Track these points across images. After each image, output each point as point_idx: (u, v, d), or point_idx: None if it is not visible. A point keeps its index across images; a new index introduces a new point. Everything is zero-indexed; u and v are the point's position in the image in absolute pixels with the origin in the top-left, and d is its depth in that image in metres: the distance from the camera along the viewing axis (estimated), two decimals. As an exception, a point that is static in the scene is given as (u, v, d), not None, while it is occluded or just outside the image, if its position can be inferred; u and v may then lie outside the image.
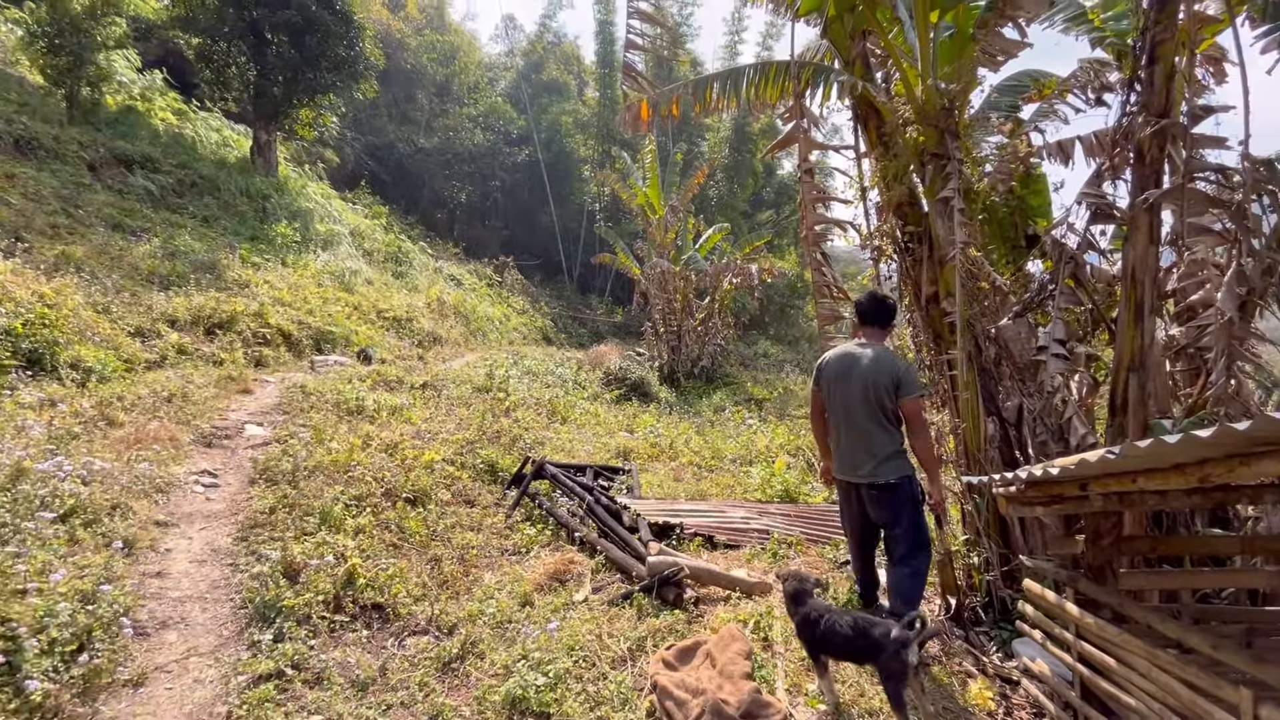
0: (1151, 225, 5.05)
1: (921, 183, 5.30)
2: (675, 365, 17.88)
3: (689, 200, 18.76)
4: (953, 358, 5.16)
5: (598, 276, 29.33)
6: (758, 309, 27.99)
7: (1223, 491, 2.96)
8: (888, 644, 2.84)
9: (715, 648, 3.62)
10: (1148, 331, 5.00)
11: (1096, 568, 2.87)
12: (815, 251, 5.40)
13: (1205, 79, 6.19)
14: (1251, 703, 2.05)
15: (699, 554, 5.62)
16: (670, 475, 8.95)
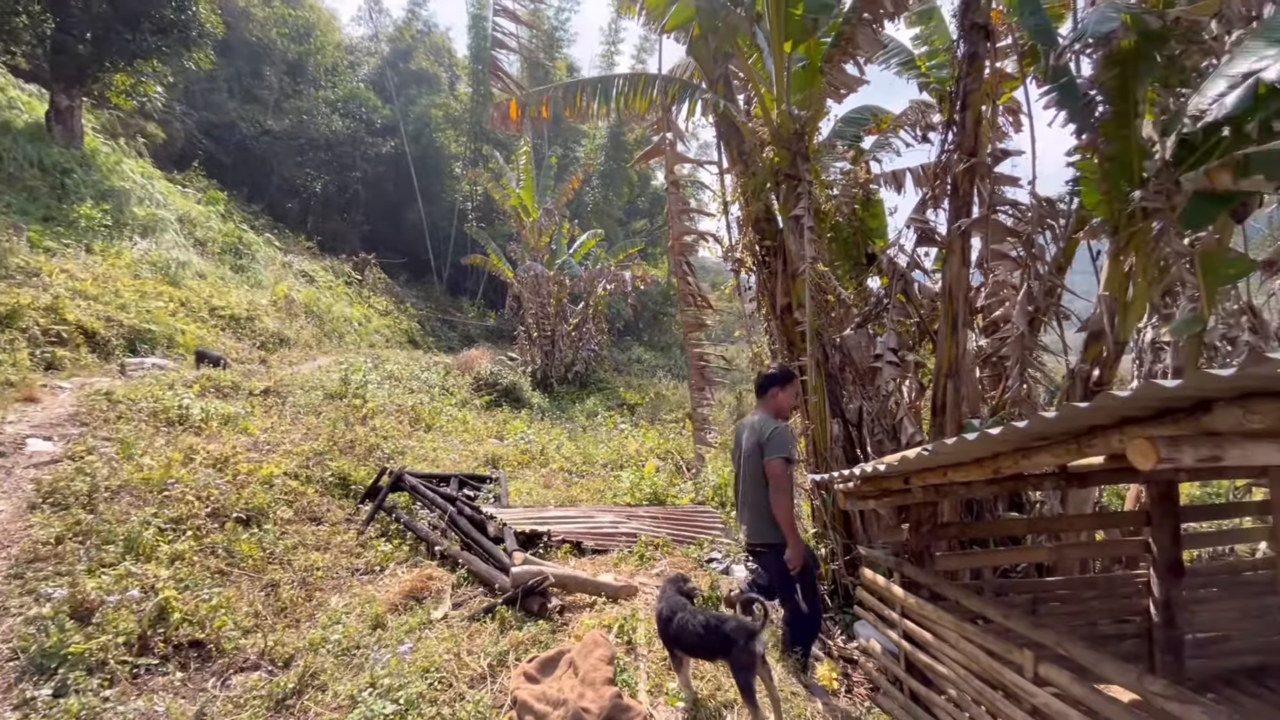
0: (964, 249, 5.78)
1: (777, 200, 5.68)
2: (549, 370, 17.69)
3: (563, 205, 18.70)
4: (804, 364, 5.56)
5: (469, 278, 28.31)
6: (632, 315, 28.48)
7: (1015, 481, 3.44)
8: (738, 638, 2.97)
9: (578, 656, 3.58)
10: (961, 342, 5.72)
11: (917, 552, 3.20)
12: (682, 261, 5.58)
13: (1006, 127, 7.20)
14: (1033, 662, 2.38)
15: (567, 561, 5.56)
16: (540, 482, 8.81)
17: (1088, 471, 3.41)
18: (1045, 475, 3.39)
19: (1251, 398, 1.46)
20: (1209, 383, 1.35)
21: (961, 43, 5.41)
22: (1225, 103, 4.24)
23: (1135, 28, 4.22)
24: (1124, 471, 3.40)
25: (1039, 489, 4.21)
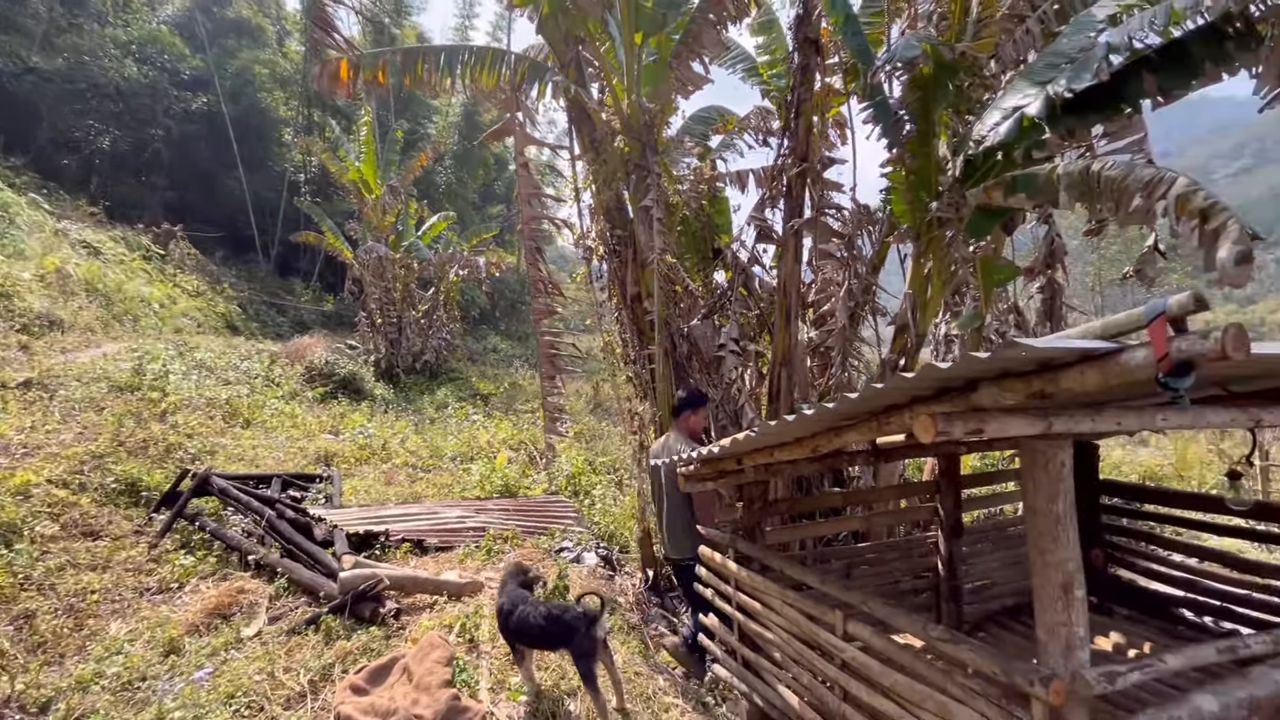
0: (796, 248, 6.25)
1: (627, 190, 5.74)
2: (395, 360, 16.56)
3: (410, 182, 17.51)
4: (653, 352, 5.70)
5: (302, 257, 25.60)
6: (487, 303, 27.55)
7: (835, 458, 3.78)
8: (579, 625, 2.97)
9: (413, 660, 3.37)
10: (794, 334, 6.20)
11: (749, 528, 3.41)
12: (532, 246, 5.44)
13: (834, 138, 7.87)
14: (842, 620, 2.62)
15: (407, 561, 5.23)
16: (381, 479, 8.22)
17: (892, 448, 3.83)
18: (859, 452, 3.75)
19: (1006, 378, 1.70)
20: (973, 364, 1.54)
21: (796, 55, 5.82)
22: (999, 131, 4.97)
23: (934, 57, 4.79)
24: (921, 447, 3.87)
25: (854, 465, 4.69)
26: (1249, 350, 1.25)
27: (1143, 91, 4.37)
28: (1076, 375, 1.51)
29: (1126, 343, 1.43)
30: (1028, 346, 1.38)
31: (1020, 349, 1.40)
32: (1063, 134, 4.76)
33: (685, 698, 3.63)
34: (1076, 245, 21.99)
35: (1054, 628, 1.83)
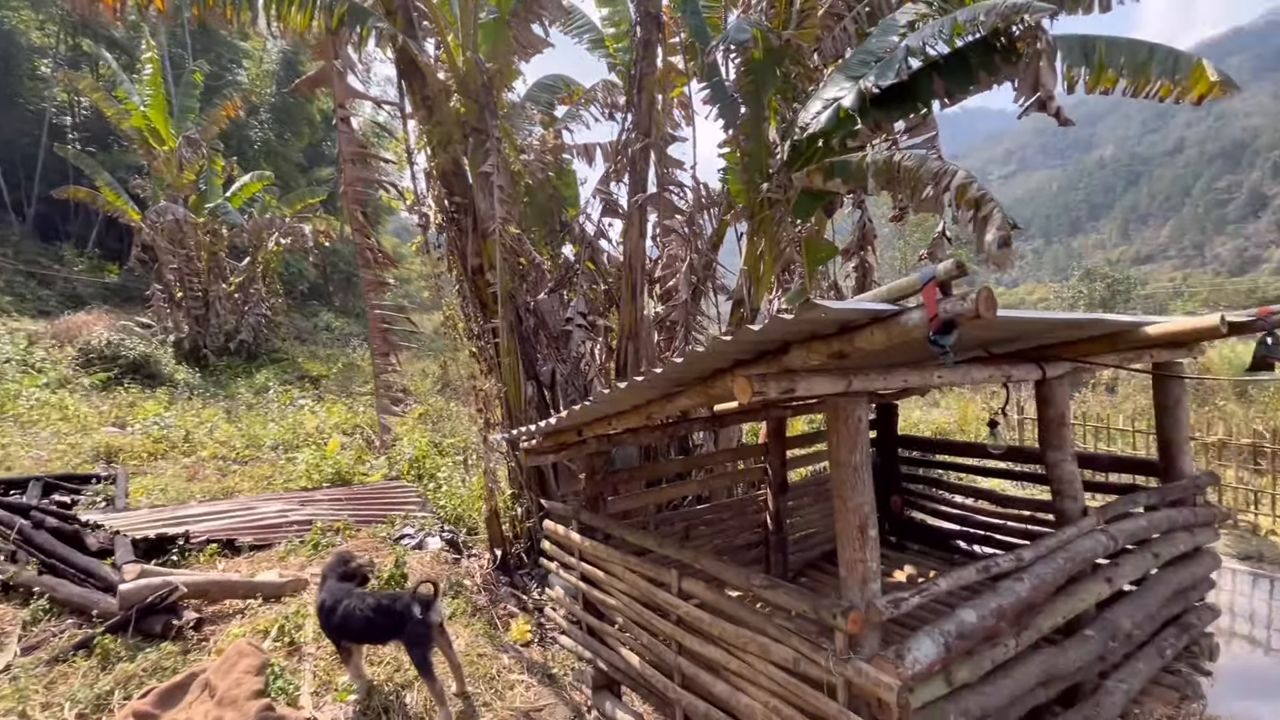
0: (641, 222, 6.33)
1: (465, 155, 5.42)
2: (202, 339, 14.45)
3: (214, 135, 15.16)
4: (497, 326, 5.49)
5: (72, 219, 21.26)
6: (318, 277, 24.94)
7: (676, 426, 3.92)
8: (411, 612, 2.80)
9: (216, 674, 2.97)
10: (640, 308, 6.31)
11: (593, 499, 3.43)
12: (357, 210, 4.95)
13: (679, 118, 8.04)
14: (677, 579, 2.72)
15: (213, 564, 4.61)
16: (183, 474, 7.17)
17: (727, 414, 4.06)
18: (699, 420, 3.92)
19: (813, 340, 1.82)
20: (781, 326, 1.62)
21: (638, 28, 5.82)
22: (820, 119, 5.37)
23: (763, 42, 5.04)
24: (753, 412, 4.14)
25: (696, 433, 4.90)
26: (996, 310, 1.44)
27: (933, 92, 4.95)
28: (868, 335, 1.66)
29: (907, 305, 1.59)
30: (825, 308, 1.48)
31: (819, 310, 1.50)
32: (872, 125, 5.26)
33: (531, 673, 3.60)
34: (887, 232, 24.86)
35: (853, 564, 2.04)
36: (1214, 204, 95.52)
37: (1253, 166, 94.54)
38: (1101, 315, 2.42)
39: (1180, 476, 3.35)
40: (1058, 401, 2.74)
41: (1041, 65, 4.54)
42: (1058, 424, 2.75)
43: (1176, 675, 3.03)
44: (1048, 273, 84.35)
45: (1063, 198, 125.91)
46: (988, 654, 2.21)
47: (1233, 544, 7.94)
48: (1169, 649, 2.98)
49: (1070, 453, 2.75)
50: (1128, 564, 2.80)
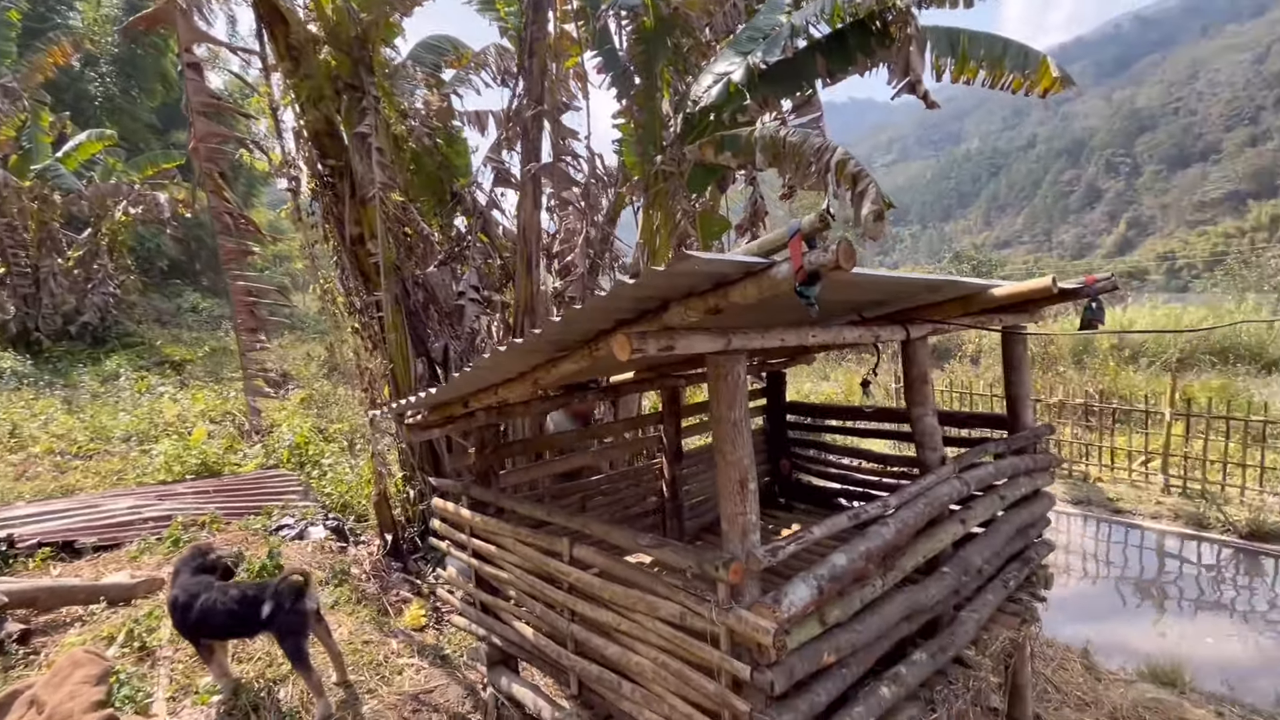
0: (535, 193, 6.16)
1: (339, 114, 5.01)
2: (32, 322, 12.62)
3: (39, 84, 13.08)
4: (380, 299, 5.17)
5: None
6: (181, 252, 22.42)
7: (570, 395, 3.87)
8: (282, 601, 2.60)
9: (45, 688, 2.62)
10: (536, 281, 6.16)
11: (482, 473, 3.32)
12: (213, 170, 4.45)
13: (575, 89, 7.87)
14: (568, 546, 2.70)
15: (46, 569, 4.06)
16: (11, 474, 6.25)
17: (622, 384, 4.06)
18: (594, 389, 3.89)
19: (690, 297, 1.83)
20: (656, 279, 1.60)
21: (528, -11, 5.60)
22: (711, 93, 5.43)
23: (654, 10, 5.01)
24: (646, 382, 4.17)
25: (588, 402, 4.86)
26: (854, 262, 1.50)
27: (816, 71, 5.14)
28: (741, 289, 1.68)
29: (776, 259, 1.63)
30: (698, 259, 1.47)
31: (692, 262, 1.49)
32: (760, 101, 5.40)
33: (422, 656, 3.47)
34: (782, 214, 25.89)
35: (733, 517, 2.10)
36: (1059, 195, 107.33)
37: (1089, 163, 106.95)
38: (956, 278, 2.62)
39: (1024, 428, 3.74)
40: (920, 361, 2.95)
41: (911, 50, 4.83)
42: (920, 381, 2.96)
43: (1018, 603, 3.41)
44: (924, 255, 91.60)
45: (936, 186, 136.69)
46: (857, 594, 2.36)
47: (1068, 490, 9.07)
48: (1012, 580, 3.33)
49: (931, 408, 2.98)
50: (979, 507, 3.10)
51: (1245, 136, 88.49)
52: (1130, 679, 4.65)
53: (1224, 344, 18.35)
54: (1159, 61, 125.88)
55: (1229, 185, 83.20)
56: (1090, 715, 4.12)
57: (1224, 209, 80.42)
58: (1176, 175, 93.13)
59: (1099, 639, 5.41)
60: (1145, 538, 7.64)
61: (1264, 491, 7.86)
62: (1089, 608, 6.16)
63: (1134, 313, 19.99)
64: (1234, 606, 6.00)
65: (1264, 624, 5.67)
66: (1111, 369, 14.56)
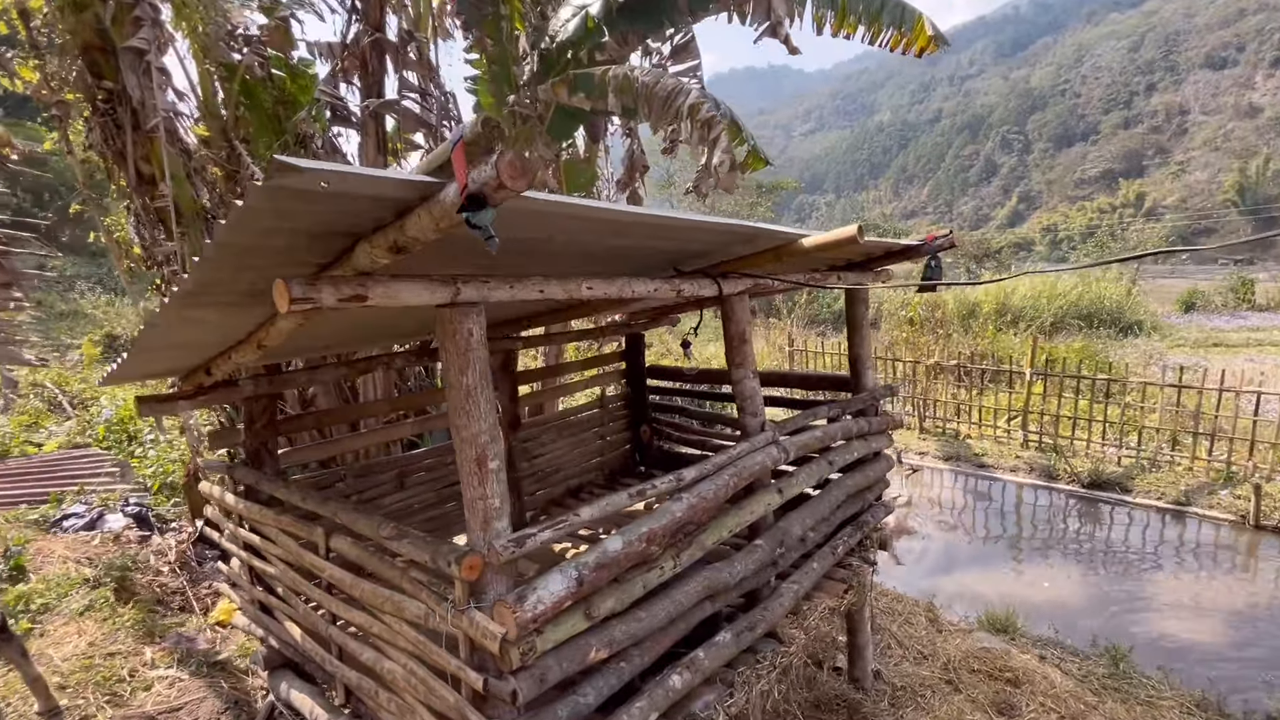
0: (379, 133, 5.51)
1: (109, 24, 4.15)
2: None
3: None
4: (174, 250, 4.43)
5: None
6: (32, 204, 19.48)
7: (373, 362, 3.41)
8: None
9: None
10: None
11: (252, 452, 2.83)
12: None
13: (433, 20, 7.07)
14: (324, 536, 2.30)
15: None
16: None
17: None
18: (407, 354, 3.44)
19: (376, 232, 1.44)
20: (257, 200, 1.17)
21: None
22: (568, 28, 4.93)
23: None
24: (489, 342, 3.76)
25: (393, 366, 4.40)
26: (528, 180, 1.15)
27: (677, 8, 4.75)
28: (416, 220, 1.31)
29: (447, 181, 1.26)
30: (296, 168, 1.07)
31: (305, 176, 1.09)
32: (620, 38, 4.95)
33: (186, 666, 2.99)
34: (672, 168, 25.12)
35: (472, 503, 1.76)
36: (960, 168, 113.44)
37: (988, 138, 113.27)
38: (769, 226, 2.37)
39: (865, 389, 3.63)
40: (738, 318, 2.70)
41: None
42: (739, 341, 2.72)
43: (847, 569, 3.33)
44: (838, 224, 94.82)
45: (850, 156, 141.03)
46: (639, 579, 2.11)
47: (939, 447, 9.51)
48: (841, 546, 3.23)
49: (751, 370, 2.75)
50: (801, 473, 2.93)
51: (1119, 119, 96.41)
52: (969, 629, 4.82)
53: (1090, 310, 20.00)
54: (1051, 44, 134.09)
55: (1104, 164, 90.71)
56: (926, 667, 4.21)
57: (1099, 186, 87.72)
58: (1061, 153, 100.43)
59: (952, 589, 5.62)
60: (1006, 490, 8.10)
61: (1106, 444, 8.49)
62: (946, 560, 6.42)
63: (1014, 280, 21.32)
64: (1069, 551, 6.42)
65: (1092, 566, 6.09)
66: (990, 332, 15.45)
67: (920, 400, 10.11)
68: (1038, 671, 4.11)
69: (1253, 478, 7.16)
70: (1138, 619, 5.21)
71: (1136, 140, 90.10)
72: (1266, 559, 6.26)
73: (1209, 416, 7.85)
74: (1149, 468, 8.00)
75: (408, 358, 3.37)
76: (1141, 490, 7.61)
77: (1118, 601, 5.51)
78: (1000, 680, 4.05)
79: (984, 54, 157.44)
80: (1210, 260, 42.99)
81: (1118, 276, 23.22)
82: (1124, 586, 5.74)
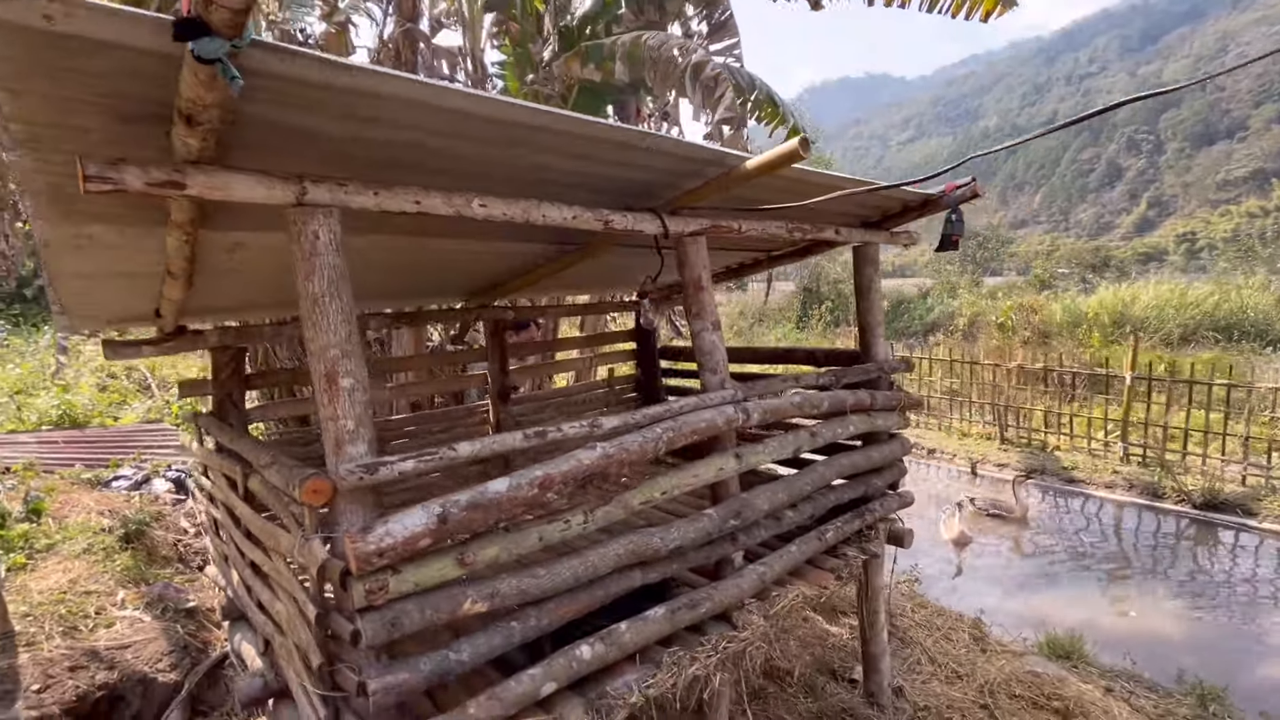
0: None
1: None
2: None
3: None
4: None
5: None
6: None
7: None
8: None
9: None
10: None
11: (218, 403, 2.87)
12: None
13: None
14: (242, 476, 2.26)
15: None
16: None
17: (418, 314, 3.60)
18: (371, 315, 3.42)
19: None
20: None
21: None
22: (585, 2, 4.87)
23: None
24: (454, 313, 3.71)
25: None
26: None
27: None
28: (185, 79, 1.19)
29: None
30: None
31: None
32: (636, 9, 4.83)
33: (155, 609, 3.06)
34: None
35: (325, 423, 1.63)
36: (1078, 174, 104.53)
37: (1110, 140, 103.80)
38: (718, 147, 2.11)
39: (873, 360, 3.23)
40: (693, 263, 2.44)
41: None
42: (695, 289, 2.46)
43: (842, 558, 2.93)
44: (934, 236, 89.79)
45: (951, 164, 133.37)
46: (534, 531, 1.90)
47: (1022, 460, 8.53)
48: (833, 533, 2.85)
49: (711, 320, 2.48)
50: (774, 442, 2.60)
51: (1273, 112, 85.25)
52: (1022, 651, 4.17)
53: (1228, 321, 17.49)
54: (1188, 35, 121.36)
55: (1254, 163, 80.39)
56: (959, 688, 3.66)
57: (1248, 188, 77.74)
58: (1201, 153, 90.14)
59: (1016, 609, 4.93)
60: (1098, 508, 7.12)
61: (1226, 460, 7.27)
62: (1012, 578, 5.67)
63: (1137, 289, 19.13)
64: (1168, 579, 5.48)
65: (1195, 597, 5.16)
66: (1095, 339, 13.87)
67: (1003, 408, 9.14)
68: (1097, 704, 3.46)
69: None
70: (1245, 660, 4.33)
71: (1294, 135, 79.27)
72: None
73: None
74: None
75: (369, 320, 3.31)
76: (1271, 514, 6.43)
77: (1223, 638, 4.61)
78: (1047, 710, 3.44)
79: (1107, 50, 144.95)
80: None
81: (1265, 284, 20.22)
82: (1234, 622, 4.80)
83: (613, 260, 3.30)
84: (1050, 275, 25.86)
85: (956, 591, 5.31)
